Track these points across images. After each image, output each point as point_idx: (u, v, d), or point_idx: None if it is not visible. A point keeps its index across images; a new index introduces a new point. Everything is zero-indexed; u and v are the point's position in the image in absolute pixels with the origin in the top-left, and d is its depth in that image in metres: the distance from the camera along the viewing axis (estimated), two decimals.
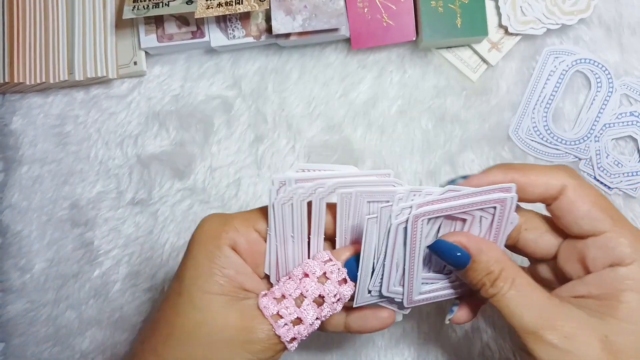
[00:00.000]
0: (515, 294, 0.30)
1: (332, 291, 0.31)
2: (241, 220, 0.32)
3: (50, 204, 0.50)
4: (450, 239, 0.32)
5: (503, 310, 0.30)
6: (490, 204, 0.32)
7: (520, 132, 0.48)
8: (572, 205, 0.31)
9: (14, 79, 0.47)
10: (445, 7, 0.45)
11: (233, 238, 0.32)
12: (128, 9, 0.44)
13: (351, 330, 0.35)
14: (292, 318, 0.31)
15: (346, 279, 0.32)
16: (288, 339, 0.31)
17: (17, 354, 0.49)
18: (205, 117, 0.49)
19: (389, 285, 0.33)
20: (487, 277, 0.31)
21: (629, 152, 0.48)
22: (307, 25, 0.45)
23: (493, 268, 0.31)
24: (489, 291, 0.31)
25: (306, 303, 0.31)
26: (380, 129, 0.48)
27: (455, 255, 0.32)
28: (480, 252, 0.31)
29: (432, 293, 0.35)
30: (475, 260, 0.31)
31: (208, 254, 0.31)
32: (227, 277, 0.31)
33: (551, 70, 0.47)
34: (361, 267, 0.32)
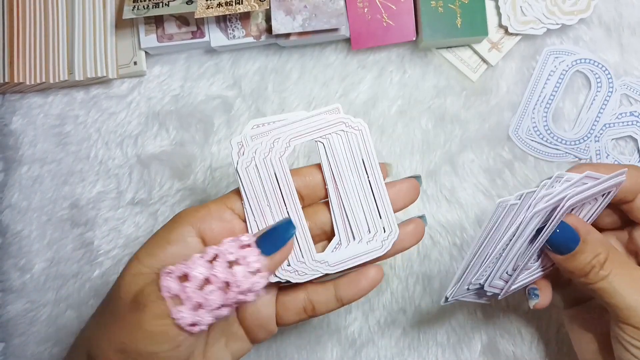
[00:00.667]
0: (626, 275, 0.31)
1: (230, 249, 0.29)
2: (216, 201, 0.32)
3: (50, 204, 0.50)
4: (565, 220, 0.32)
5: (614, 291, 0.31)
6: (612, 188, 0.32)
7: (520, 132, 0.48)
8: None
9: (14, 79, 0.47)
10: (445, 7, 0.45)
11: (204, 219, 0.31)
12: (128, 9, 0.44)
13: (344, 301, 0.34)
14: (179, 273, 0.28)
15: (250, 244, 0.30)
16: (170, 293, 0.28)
17: (17, 354, 0.49)
18: (205, 117, 0.49)
19: (494, 279, 0.33)
20: (597, 259, 0.31)
21: (629, 152, 0.48)
22: (307, 25, 0.45)
23: (601, 250, 0.32)
24: (599, 273, 0.31)
25: (195, 257, 0.29)
26: (380, 129, 0.48)
27: (566, 237, 0.32)
28: (588, 234, 0.32)
29: (522, 281, 0.34)
30: (585, 242, 0.32)
31: (167, 228, 0.31)
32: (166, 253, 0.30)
33: (551, 70, 0.47)
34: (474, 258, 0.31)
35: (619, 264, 0.32)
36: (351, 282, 0.34)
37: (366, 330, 0.47)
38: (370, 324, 0.47)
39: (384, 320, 0.47)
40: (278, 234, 0.31)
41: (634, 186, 0.34)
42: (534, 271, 0.35)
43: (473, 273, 0.32)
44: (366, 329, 0.47)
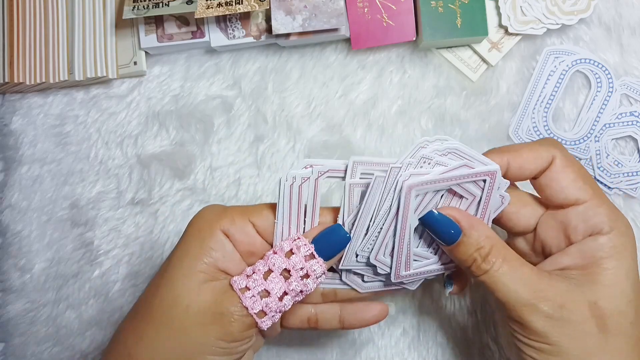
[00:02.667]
0: (508, 270, 0.31)
1: (298, 264, 0.32)
2: (239, 212, 0.33)
3: (50, 204, 0.50)
4: (443, 212, 0.33)
5: (496, 285, 0.31)
6: (481, 176, 0.33)
7: (520, 132, 0.48)
8: (561, 173, 0.33)
9: (14, 79, 0.47)
10: (445, 7, 0.45)
11: (227, 226, 0.33)
12: (128, 9, 0.44)
13: (345, 325, 0.36)
14: (259, 290, 0.31)
15: (314, 254, 0.32)
16: (256, 310, 0.31)
17: (17, 354, 0.49)
18: (205, 117, 0.49)
19: (377, 253, 0.34)
20: (478, 253, 0.32)
21: (629, 152, 0.48)
22: (307, 25, 0.45)
23: (484, 244, 0.32)
24: (481, 266, 0.32)
25: (272, 276, 0.32)
26: (380, 129, 0.48)
27: (447, 228, 0.32)
28: (471, 227, 0.32)
29: (419, 269, 0.35)
30: (466, 235, 0.32)
31: (200, 236, 0.33)
32: (213, 259, 0.32)
33: (551, 70, 0.47)
34: (355, 226, 0.33)
35: (503, 258, 0.32)
36: (357, 310, 0.36)
37: (366, 330, 0.47)
38: None
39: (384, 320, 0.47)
40: (338, 239, 0.33)
41: (542, 162, 0.33)
42: (433, 263, 0.35)
43: (358, 242, 0.33)
44: (366, 329, 0.47)
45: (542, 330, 0.31)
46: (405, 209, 0.32)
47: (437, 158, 0.32)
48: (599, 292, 0.31)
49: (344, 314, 0.36)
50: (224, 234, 0.33)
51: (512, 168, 0.34)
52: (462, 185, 0.33)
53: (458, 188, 0.33)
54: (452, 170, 0.32)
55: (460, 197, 0.34)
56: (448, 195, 0.34)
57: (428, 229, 0.33)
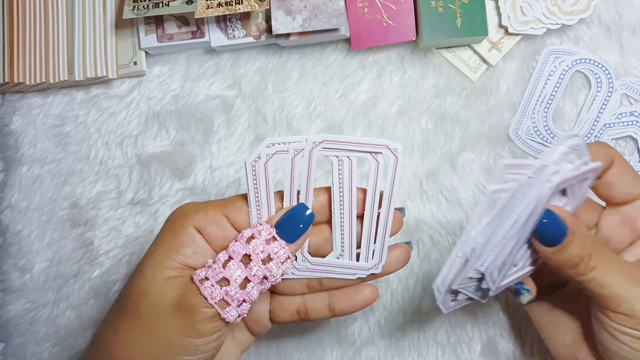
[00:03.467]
0: (614, 265, 0.32)
1: (258, 247, 0.31)
2: (213, 206, 0.33)
3: (50, 204, 0.50)
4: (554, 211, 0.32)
5: (604, 282, 0.31)
6: (589, 174, 0.32)
7: (520, 132, 0.48)
8: (623, 172, 0.34)
9: (14, 79, 0.47)
10: (445, 7, 0.45)
11: (201, 222, 0.32)
12: (128, 9, 0.44)
13: (336, 312, 0.35)
14: (218, 278, 0.31)
15: (275, 237, 0.32)
16: (216, 299, 0.30)
17: (17, 354, 0.49)
18: (205, 117, 0.49)
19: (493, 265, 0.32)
20: (585, 251, 0.32)
21: (629, 152, 0.48)
22: (307, 25, 0.45)
23: (588, 241, 0.32)
24: (589, 265, 0.31)
25: (232, 263, 0.31)
26: (380, 129, 0.48)
27: (554, 228, 0.31)
28: (576, 225, 0.32)
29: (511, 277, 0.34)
30: (574, 234, 0.32)
31: (172, 232, 0.32)
32: (182, 255, 0.32)
33: (551, 70, 0.47)
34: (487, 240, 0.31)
35: (604, 254, 0.32)
36: (345, 295, 0.35)
37: (366, 331, 0.47)
38: (370, 324, 0.47)
39: (384, 320, 0.47)
40: (300, 219, 0.32)
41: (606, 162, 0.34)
42: (523, 267, 0.34)
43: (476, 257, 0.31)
44: (366, 329, 0.47)
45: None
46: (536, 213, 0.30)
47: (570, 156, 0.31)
48: None
49: (333, 302, 0.35)
50: (196, 229, 0.32)
51: None
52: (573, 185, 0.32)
53: (569, 187, 0.32)
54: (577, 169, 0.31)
55: (562, 196, 0.32)
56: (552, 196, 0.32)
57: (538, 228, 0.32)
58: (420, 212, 0.48)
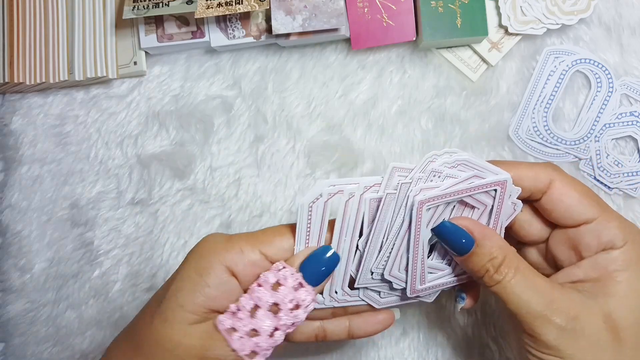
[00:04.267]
0: (521, 280, 0.31)
1: (287, 297, 0.30)
2: (246, 242, 0.31)
3: (50, 204, 0.50)
4: (456, 222, 0.32)
5: (508, 296, 0.31)
6: (492, 186, 0.32)
7: (520, 132, 0.48)
8: (563, 195, 0.33)
9: (14, 79, 0.47)
10: (445, 7, 0.45)
11: (234, 258, 0.31)
12: (128, 9, 0.44)
13: (354, 336, 0.36)
14: (247, 330, 0.29)
15: (302, 283, 0.31)
16: (247, 352, 0.29)
17: (17, 354, 0.49)
18: (205, 117, 0.49)
19: (392, 268, 0.33)
20: (491, 263, 0.31)
21: (629, 152, 0.48)
22: (307, 25, 0.45)
23: (497, 254, 0.31)
24: (493, 277, 0.31)
25: (260, 313, 0.30)
26: (380, 129, 0.48)
27: (459, 238, 0.32)
28: (484, 237, 0.32)
29: (434, 281, 0.35)
30: (479, 245, 0.32)
31: (199, 268, 0.31)
32: (209, 299, 0.30)
33: (551, 70, 0.47)
34: (369, 244, 0.32)
35: (515, 269, 0.31)
36: (365, 321, 0.36)
37: None
38: None
39: None
40: (326, 264, 0.32)
41: (539, 183, 0.33)
42: (447, 274, 0.35)
43: (373, 259, 0.33)
44: None
45: (554, 343, 0.30)
46: (417, 224, 0.32)
47: (446, 171, 0.32)
48: (613, 304, 0.30)
49: (352, 327, 0.35)
50: (228, 269, 0.31)
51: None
52: (473, 196, 0.33)
53: (469, 199, 0.33)
54: (463, 182, 0.32)
55: (472, 208, 0.33)
56: (459, 207, 0.33)
57: (440, 239, 0.33)
58: None
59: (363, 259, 0.33)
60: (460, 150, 0.33)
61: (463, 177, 0.32)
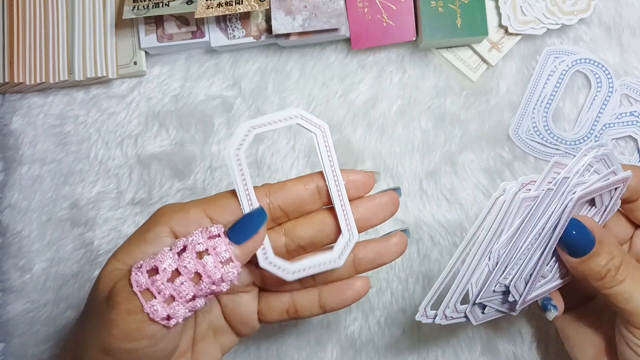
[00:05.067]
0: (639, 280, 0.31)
1: (198, 239, 0.28)
2: (194, 205, 0.31)
3: (50, 203, 0.50)
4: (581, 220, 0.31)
5: (631, 296, 0.30)
6: (618, 184, 0.31)
7: (520, 132, 0.48)
8: None
9: (14, 79, 0.47)
10: (445, 7, 0.45)
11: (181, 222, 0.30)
12: (128, 9, 0.44)
13: (327, 309, 0.34)
14: (149, 267, 0.28)
15: (220, 234, 0.29)
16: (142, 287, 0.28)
17: (17, 354, 0.49)
18: (205, 117, 0.49)
19: (519, 277, 0.31)
20: (612, 263, 0.31)
21: (629, 152, 0.48)
22: (307, 25, 0.45)
23: (616, 253, 0.31)
24: (615, 277, 0.31)
25: (163, 251, 0.28)
26: (380, 129, 0.48)
27: (581, 238, 0.31)
28: (604, 235, 0.31)
29: (539, 290, 0.33)
30: (602, 243, 0.31)
31: (144, 228, 0.30)
32: (143, 253, 0.29)
33: (551, 70, 0.47)
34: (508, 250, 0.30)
35: (633, 269, 0.31)
36: (336, 290, 0.33)
37: (366, 331, 0.47)
38: (370, 324, 0.47)
39: (384, 320, 0.47)
40: (248, 222, 0.30)
41: (638, 185, 0.33)
42: (552, 280, 0.34)
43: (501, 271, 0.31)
44: (366, 329, 0.47)
45: None
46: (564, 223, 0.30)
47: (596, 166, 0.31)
48: None
49: (323, 298, 0.33)
50: (172, 231, 0.30)
51: None
52: (602, 194, 0.32)
53: (598, 197, 0.32)
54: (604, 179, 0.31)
55: (591, 206, 0.32)
56: (579, 206, 0.32)
57: (565, 238, 0.31)
58: (420, 212, 0.48)
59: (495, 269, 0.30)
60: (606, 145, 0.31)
61: (605, 173, 0.31)
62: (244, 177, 0.30)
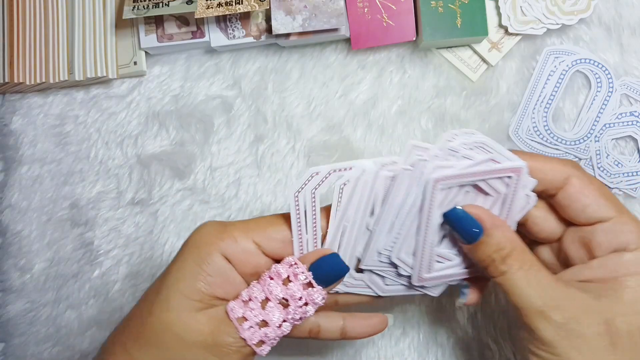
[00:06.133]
0: (525, 274, 0.31)
1: (296, 293, 0.31)
2: (241, 230, 0.32)
3: (50, 204, 0.50)
4: (468, 210, 0.32)
5: (511, 288, 0.31)
6: (507, 172, 0.32)
7: (520, 132, 0.48)
8: (580, 193, 0.32)
9: (14, 79, 0.47)
10: (445, 7, 0.45)
11: (229, 248, 0.31)
12: (128, 9, 0.44)
13: (347, 336, 0.36)
14: (257, 320, 0.30)
15: (311, 282, 0.31)
16: (255, 341, 0.30)
17: (17, 354, 0.49)
18: (205, 117, 0.49)
19: (400, 251, 0.33)
20: (498, 254, 0.31)
21: (629, 152, 0.48)
22: (307, 25, 0.45)
23: (505, 245, 0.31)
24: (499, 268, 0.31)
25: (270, 305, 0.31)
26: (380, 129, 0.48)
27: (469, 226, 0.32)
28: (494, 227, 0.32)
29: (442, 271, 0.34)
30: (488, 234, 0.32)
31: (197, 258, 0.31)
32: (209, 285, 0.31)
33: (551, 70, 0.47)
34: (379, 223, 0.32)
35: (522, 263, 0.31)
36: (359, 322, 0.36)
37: None
38: None
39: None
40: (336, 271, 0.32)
41: (556, 177, 0.33)
42: (456, 265, 0.34)
43: (381, 239, 0.33)
44: None
45: (550, 339, 0.30)
46: (430, 203, 0.31)
47: (463, 151, 0.31)
48: (617, 309, 0.30)
49: (346, 326, 0.35)
50: (224, 257, 0.31)
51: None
52: (487, 181, 0.32)
53: (484, 184, 0.32)
54: (478, 165, 0.31)
55: (486, 195, 0.33)
56: (473, 193, 0.33)
57: (450, 225, 0.32)
58: None
59: (371, 239, 0.32)
60: (480, 132, 0.32)
61: (479, 160, 0.31)
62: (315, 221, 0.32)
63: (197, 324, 0.30)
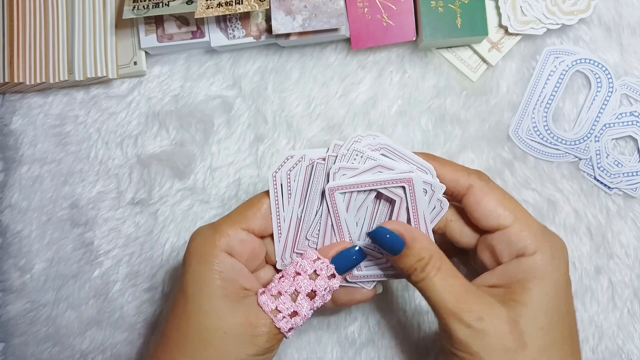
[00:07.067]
0: (440, 279, 0.33)
1: (323, 286, 0.35)
2: (229, 224, 0.35)
3: (50, 204, 0.50)
4: (388, 227, 0.34)
5: (428, 293, 0.34)
6: (396, 183, 0.34)
7: (520, 132, 0.48)
8: (478, 202, 0.35)
9: (14, 79, 0.47)
10: (445, 7, 0.45)
11: (226, 243, 0.35)
12: (128, 9, 0.44)
13: (337, 303, 0.39)
14: (289, 312, 0.34)
15: (335, 273, 0.35)
16: (286, 329, 0.34)
17: (17, 354, 0.49)
18: (205, 117, 0.49)
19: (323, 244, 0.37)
20: (419, 264, 0.34)
21: (629, 152, 0.48)
22: (307, 25, 0.45)
23: (423, 255, 0.34)
24: (419, 275, 0.34)
25: (300, 298, 0.35)
26: (380, 129, 0.48)
27: (391, 242, 0.34)
28: (413, 240, 0.34)
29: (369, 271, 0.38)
30: (409, 247, 0.34)
31: (205, 262, 0.34)
32: (227, 280, 0.34)
33: (551, 70, 0.47)
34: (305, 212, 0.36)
35: (438, 269, 0.33)
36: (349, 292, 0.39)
37: (366, 331, 0.47)
38: (370, 324, 0.47)
39: (384, 320, 0.47)
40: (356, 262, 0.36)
41: (458, 186, 0.35)
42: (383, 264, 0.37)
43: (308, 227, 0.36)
44: (366, 329, 0.47)
45: (464, 339, 0.32)
46: (334, 208, 0.35)
47: (368, 153, 0.34)
48: (520, 311, 0.32)
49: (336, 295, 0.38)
50: (227, 253, 0.35)
51: None
52: (388, 188, 0.35)
53: (385, 191, 0.35)
54: (367, 175, 0.34)
55: (383, 200, 0.36)
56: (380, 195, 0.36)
57: (375, 243, 0.35)
58: None
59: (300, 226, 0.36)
60: (384, 136, 0.35)
61: (366, 167, 0.34)
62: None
63: (235, 320, 0.33)
